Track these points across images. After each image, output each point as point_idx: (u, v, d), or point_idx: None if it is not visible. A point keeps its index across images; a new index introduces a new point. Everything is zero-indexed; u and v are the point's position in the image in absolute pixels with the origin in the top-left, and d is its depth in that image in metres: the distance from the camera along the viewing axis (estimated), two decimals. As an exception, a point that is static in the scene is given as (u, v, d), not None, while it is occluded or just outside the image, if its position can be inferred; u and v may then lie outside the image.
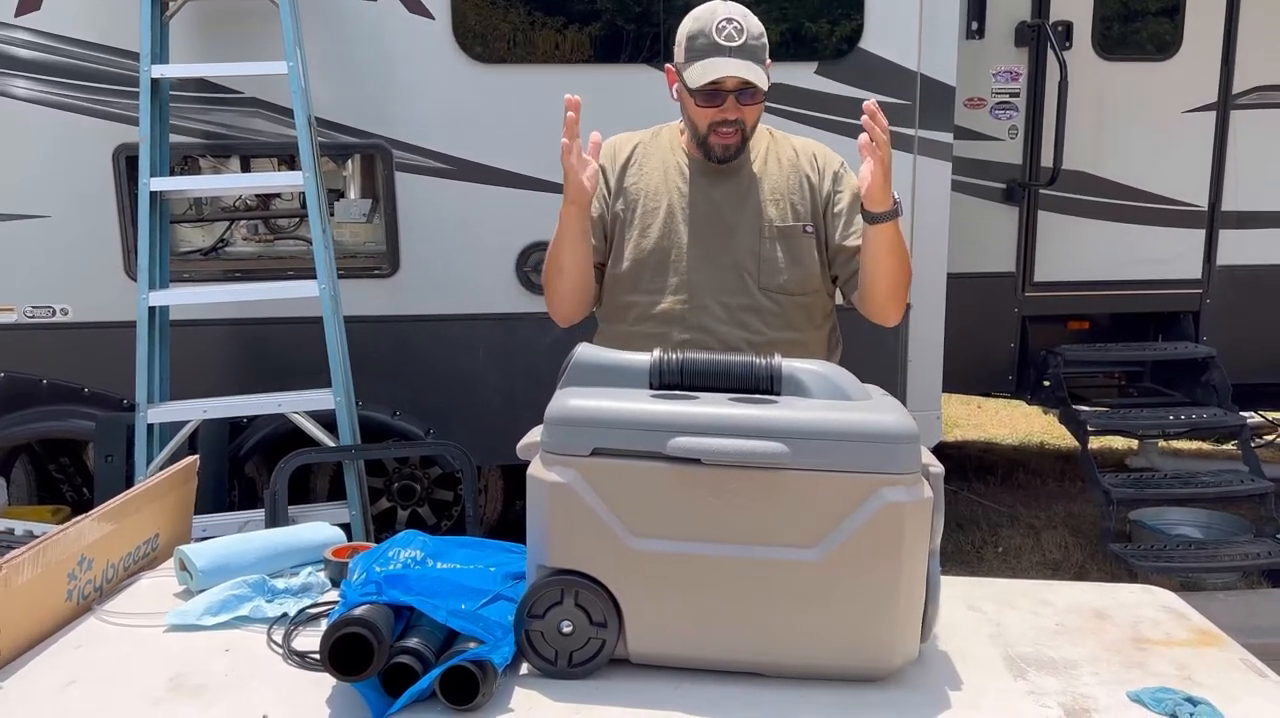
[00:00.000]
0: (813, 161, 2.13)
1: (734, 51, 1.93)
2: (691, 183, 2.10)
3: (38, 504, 3.93)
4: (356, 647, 1.23)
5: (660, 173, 2.11)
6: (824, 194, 2.11)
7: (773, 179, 2.11)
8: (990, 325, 4.58)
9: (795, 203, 2.10)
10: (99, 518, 1.58)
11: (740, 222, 2.08)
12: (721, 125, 2.00)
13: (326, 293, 3.29)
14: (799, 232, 2.09)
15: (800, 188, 2.11)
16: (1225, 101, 4.51)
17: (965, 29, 4.26)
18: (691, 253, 2.06)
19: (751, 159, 2.11)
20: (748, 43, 1.94)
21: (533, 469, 1.35)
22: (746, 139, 2.05)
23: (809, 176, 2.12)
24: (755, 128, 2.06)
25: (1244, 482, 4.26)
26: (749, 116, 2.01)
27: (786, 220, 2.08)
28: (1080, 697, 1.31)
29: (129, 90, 3.40)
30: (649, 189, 2.11)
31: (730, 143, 2.02)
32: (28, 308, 3.60)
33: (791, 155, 2.14)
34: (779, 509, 1.29)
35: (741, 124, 2.01)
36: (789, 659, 1.33)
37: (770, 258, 2.07)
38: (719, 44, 1.93)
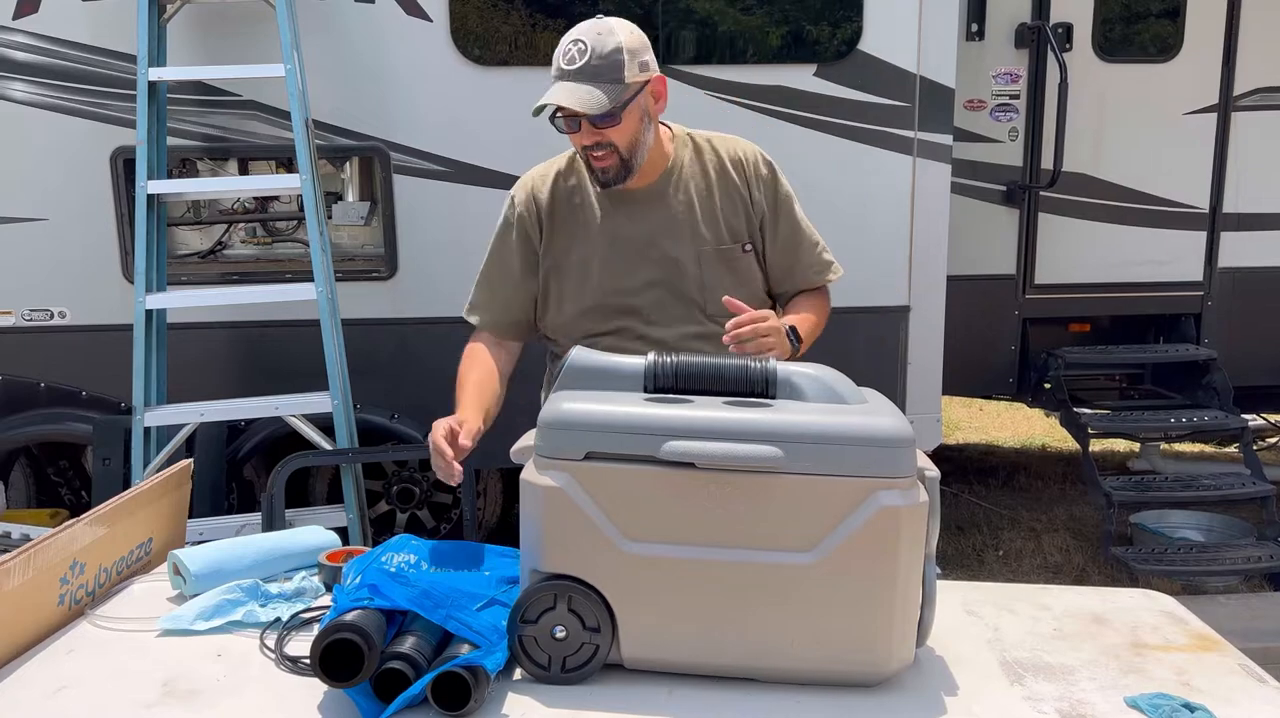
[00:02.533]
0: (740, 169, 2.04)
1: (571, 75, 1.84)
2: (618, 215, 2.00)
3: (36, 507, 3.92)
4: (347, 653, 1.22)
5: (586, 212, 2.01)
6: (758, 208, 2.03)
7: (703, 198, 2.01)
8: (991, 328, 4.57)
9: (730, 221, 2.02)
10: (92, 522, 1.58)
11: (677, 248, 1.99)
12: (590, 150, 1.90)
13: (324, 296, 3.29)
14: (738, 252, 2.02)
15: (733, 203, 2.02)
16: (1226, 103, 4.49)
17: (965, 31, 4.25)
18: (636, 289, 1.98)
19: (676, 177, 2.01)
20: (590, 63, 1.82)
21: (526, 473, 1.35)
22: (627, 160, 1.91)
23: (739, 189, 2.03)
24: (636, 146, 1.91)
25: (1245, 485, 4.24)
26: (615, 138, 1.88)
27: (724, 242, 2.01)
28: (1077, 703, 1.30)
29: (126, 93, 3.40)
30: (579, 233, 2.01)
31: (607, 166, 1.91)
32: (25, 311, 3.60)
33: (718, 164, 2.04)
34: (774, 513, 1.28)
35: (610, 145, 1.89)
36: (783, 664, 1.32)
37: (714, 284, 1.99)
38: (561, 67, 1.85)
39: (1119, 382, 5.06)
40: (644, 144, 1.93)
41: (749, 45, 3.67)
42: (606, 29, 1.86)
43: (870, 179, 3.72)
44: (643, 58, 1.88)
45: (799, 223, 2.09)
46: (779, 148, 3.61)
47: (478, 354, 2.03)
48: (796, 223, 2.08)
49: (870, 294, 3.76)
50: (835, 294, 3.69)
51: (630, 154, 1.91)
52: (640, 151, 1.93)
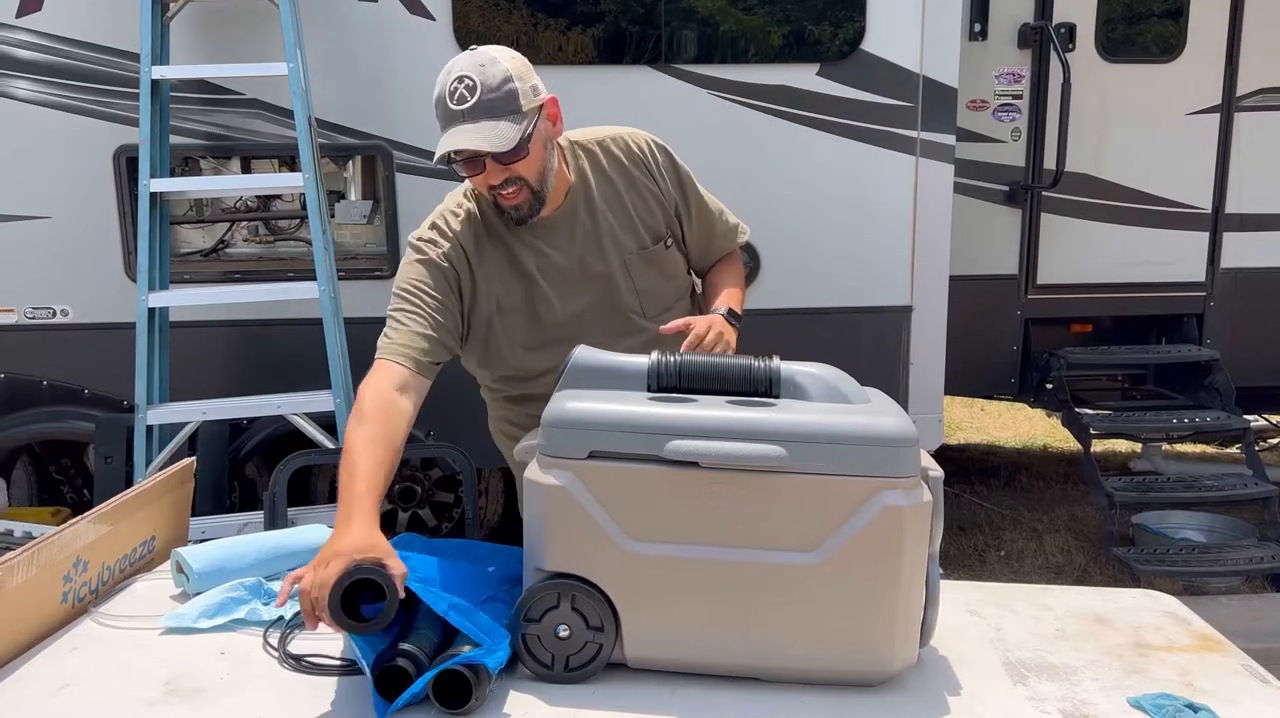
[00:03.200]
0: (641, 164, 1.97)
1: (466, 116, 1.70)
2: (540, 247, 1.90)
3: (38, 506, 3.93)
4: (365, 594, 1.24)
5: (507, 249, 1.90)
6: (668, 199, 1.98)
7: (615, 206, 1.94)
8: (993, 328, 4.56)
9: (646, 221, 1.97)
10: (95, 520, 1.58)
11: (606, 264, 1.93)
12: (499, 189, 1.78)
13: (326, 294, 3.29)
14: (660, 250, 1.98)
15: (645, 201, 1.96)
16: (1229, 103, 4.49)
17: (968, 31, 4.25)
18: (579, 314, 1.92)
19: (581, 194, 1.93)
20: (482, 99, 1.70)
21: (530, 472, 1.35)
22: (538, 191, 1.81)
23: (645, 184, 1.97)
24: (544, 175, 1.81)
25: (1247, 485, 4.24)
26: (523, 171, 1.77)
27: (645, 244, 1.96)
28: (1080, 703, 1.30)
29: (129, 91, 3.40)
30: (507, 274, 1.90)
31: (519, 202, 1.80)
32: (28, 309, 3.60)
33: (618, 166, 1.95)
34: (777, 513, 1.28)
35: (520, 180, 1.78)
36: (787, 664, 1.32)
37: (648, 288, 1.96)
38: (451, 110, 1.72)
39: (1121, 382, 5.05)
40: (550, 170, 1.83)
41: (751, 45, 3.67)
42: (489, 59, 1.74)
43: (873, 179, 3.72)
44: (532, 82, 1.78)
45: (704, 199, 2.06)
46: (781, 147, 3.68)
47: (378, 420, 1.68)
48: (703, 200, 2.05)
49: (872, 294, 3.77)
50: (836, 293, 3.75)
51: (540, 184, 1.81)
52: (549, 179, 1.83)
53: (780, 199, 3.69)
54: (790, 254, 3.69)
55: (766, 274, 3.68)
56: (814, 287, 3.72)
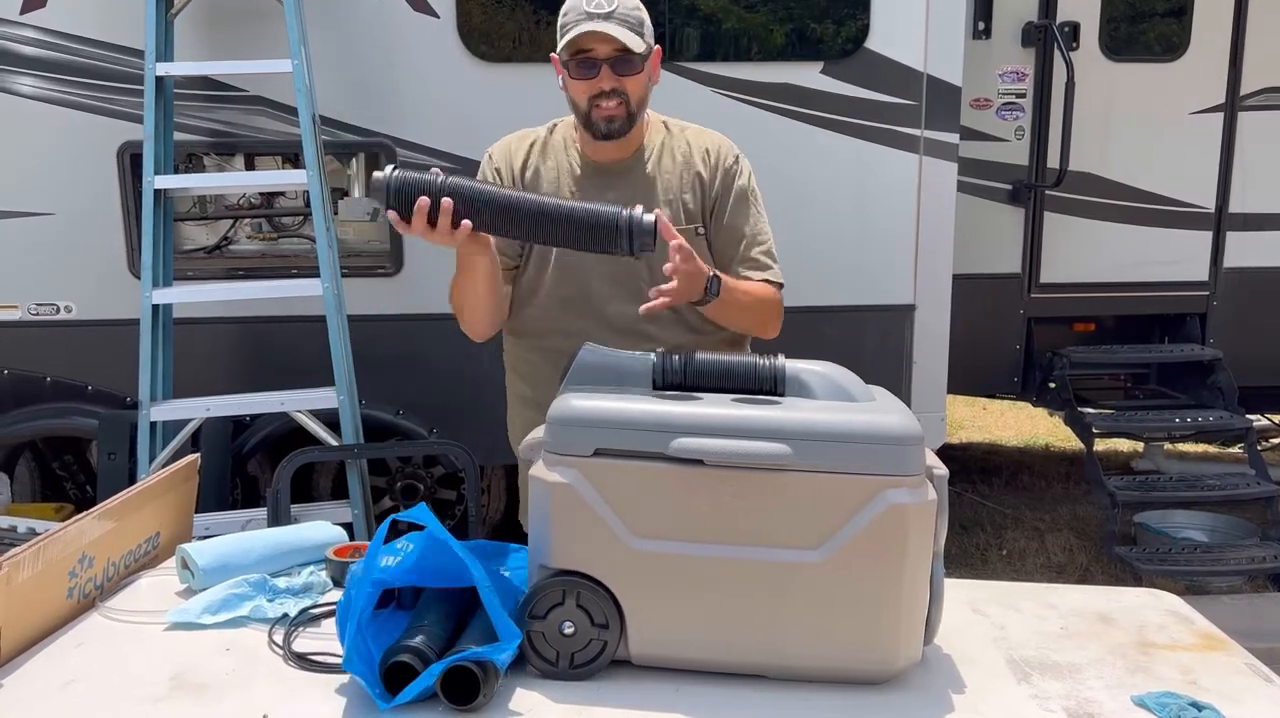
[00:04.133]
0: (705, 157, 2.04)
1: (603, 19, 1.85)
2: (587, 184, 2.01)
3: (41, 502, 3.93)
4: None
5: (554, 176, 2.03)
6: (713, 195, 2.03)
7: (666, 178, 2.02)
8: (996, 327, 4.56)
9: (687, 203, 2.03)
10: (100, 516, 1.58)
11: None
12: (600, 99, 1.90)
13: (330, 292, 3.29)
14: (691, 235, 2.00)
15: (692, 187, 2.03)
16: (1233, 103, 4.49)
17: (972, 29, 4.25)
18: (586, 262, 1.96)
19: (647, 155, 2.03)
20: (618, 12, 1.86)
21: (535, 469, 1.35)
22: (633, 114, 1.93)
23: (701, 174, 2.03)
24: (642, 104, 1.96)
25: (1250, 485, 4.24)
26: (630, 87, 1.91)
27: (679, 223, 1.98)
28: (1084, 701, 1.30)
29: (134, 88, 3.40)
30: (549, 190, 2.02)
31: (614, 115, 1.91)
32: (31, 305, 3.61)
33: (685, 150, 2.05)
34: (782, 511, 1.28)
35: (623, 95, 1.90)
36: (791, 662, 1.32)
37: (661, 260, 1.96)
38: (588, 13, 1.86)
39: (1124, 381, 5.05)
40: (645, 104, 1.97)
41: (755, 42, 3.67)
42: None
43: (876, 177, 3.72)
44: (650, 27, 1.94)
45: (749, 218, 2.06)
46: (785, 145, 3.68)
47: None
48: (747, 217, 2.06)
49: (875, 292, 3.77)
50: (839, 291, 3.75)
51: (637, 108, 1.94)
52: (643, 110, 1.97)
53: (783, 197, 3.65)
54: (793, 252, 3.65)
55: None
56: (817, 285, 3.72)
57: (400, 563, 1.34)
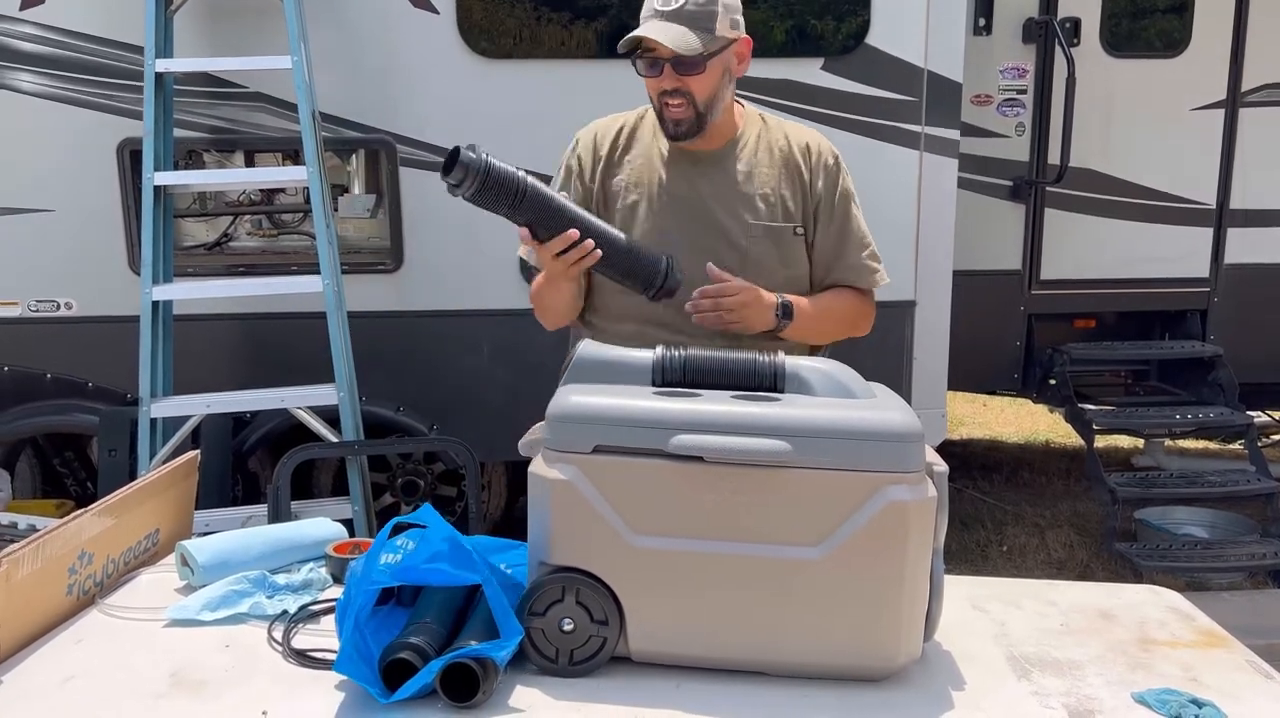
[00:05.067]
0: (805, 155, 2.00)
1: (668, 15, 1.81)
2: (675, 172, 1.98)
3: (42, 499, 3.94)
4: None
5: (644, 161, 2.00)
6: (816, 196, 2.00)
7: (763, 172, 1.98)
8: (996, 323, 4.56)
9: (787, 200, 1.99)
10: (99, 512, 1.58)
11: (727, 217, 1.97)
12: (667, 97, 1.87)
13: (330, 288, 3.29)
14: (789, 234, 1.98)
15: (792, 184, 1.99)
16: (1234, 99, 4.48)
17: (973, 25, 4.24)
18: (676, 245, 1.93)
19: (740, 148, 1.99)
20: (686, 7, 1.81)
21: (534, 466, 1.35)
22: (702, 114, 1.89)
23: (801, 172, 2.00)
24: (713, 102, 1.90)
25: (1250, 481, 4.24)
26: (695, 87, 1.86)
27: (776, 219, 1.97)
28: (1085, 698, 1.30)
29: (133, 84, 3.40)
30: (632, 181, 2.00)
31: (680, 117, 1.88)
32: (32, 302, 3.61)
33: (784, 145, 2.01)
34: (782, 507, 1.28)
35: (688, 94, 1.86)
36: (791, 658, 1.32)
37: (758, 259, 1.95)
38: (655, 8, 1.83)
39: (1124, 378, 5.05)
40: (720, 101, 1.91)
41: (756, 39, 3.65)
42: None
43: (877, 173, 3.70)
44: (735, 15, 1.88)
45: (851, 221, 2.04)
46: (785, 142, 3.66)
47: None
48: (849, 220, 2.04)
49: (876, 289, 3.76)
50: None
51: (706, 108, 1.89)
52: (716, 108, 1.91)
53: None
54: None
55: (770, 269, 3.67)
56: (817, 282, 3.72)
57: (401, 561, 1.33)
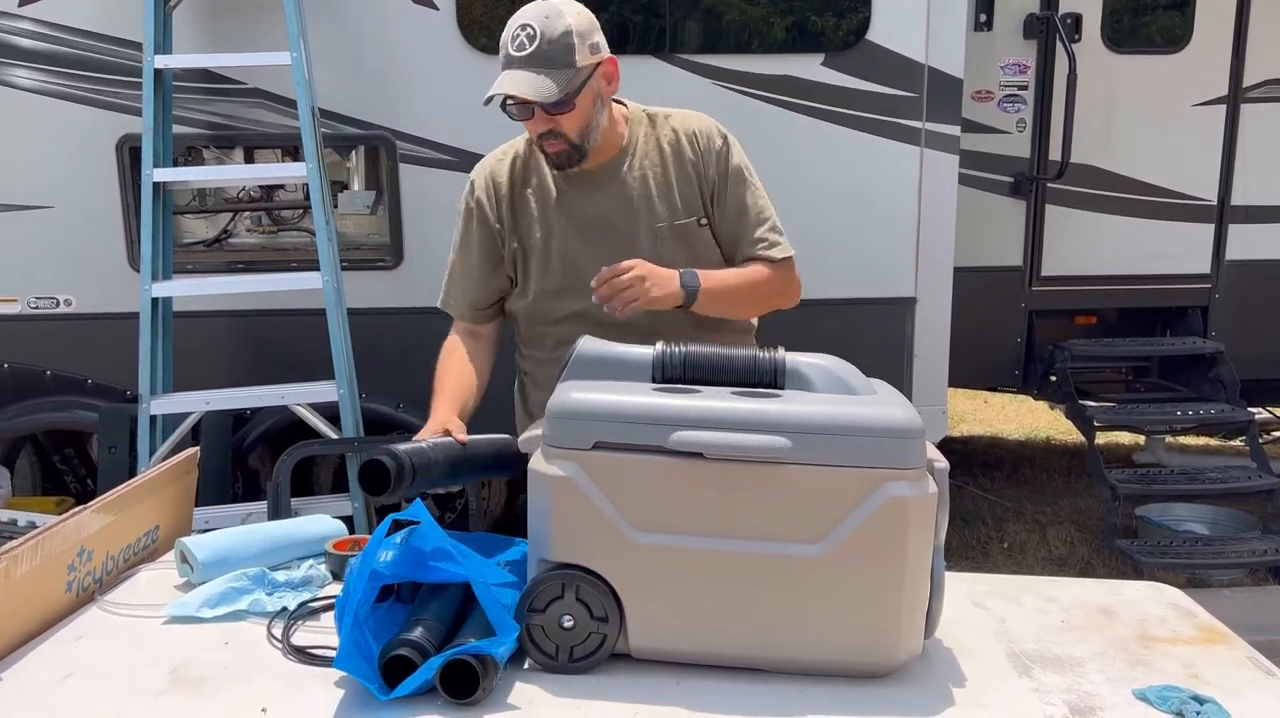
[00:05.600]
0: (693, 143, 1.99)
1: (521, 62, 1.79)
2: (574, 194, 1.98)
3: (42, 495, 3.93)
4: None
5: (543, 192, 2.00)
6: (710, 181, 1.98)
7: (656, 172, 1.97)
8: (997, 319, 4.56)
9: (685, 194, 1.98)
10: (99, 509, 1.58)
11: (631, 226, 1.96)
12: (543, 139, 1.88)
13: (330, 285, 3.28)
14: (694, 227, 1.98)
15: (686, 176, 1.98)
16: (1235, 95, 4.47)
17: (973, 21, 4.23)
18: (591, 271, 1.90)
19: (631, 154, 1.98)
20: (540, 49, 1.78)
21: (534, 463, 1.34)
22: (581, 146, 1.89)
23: (693, 163, 1.98)
24: (588, 131, 1.88)
25: (1251, 478, 4.24)
26: (566, 126, 1.85)
27: (679, 217, 1.97)
28: (1085, 695, 1.30)
29: (132, 81, 3.40)
30: (537, 214, 1.99)
31: (558, 151, 1.89)
32: (31, 299, 3.60)
33: (672, 139, 1.99)
34: (782, 504, 1.28)
35: (561, 134, 1.86)
36: (792, 655, 1.32)
37: (670, 260, 1.92)
38: (510, 55, 1.81)
39: (1125, 374, 5.05)
40: (596, 127, 1.90)
41: (756, 34, 3.66)
42: (554, 11, 1.81)
43: (877, 170, 3.71)
44: (592, 39, 1.84)
45: (747, 196, 2.01)
46: (786, 138, 3.67)
47: (454, 351, 2.03)
48: (744, 196, 2.01)
49: (876, 285, 3.76)
50: (840, 284, 3.74)
51: (582, 139, 1.88)
52: (592, 135, 1.90)
53: (784, 190, 3.61)
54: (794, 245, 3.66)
55: (770, 265, 3.67)
56: (818, 278, 3.68)
57: (397, 558, 1.33)
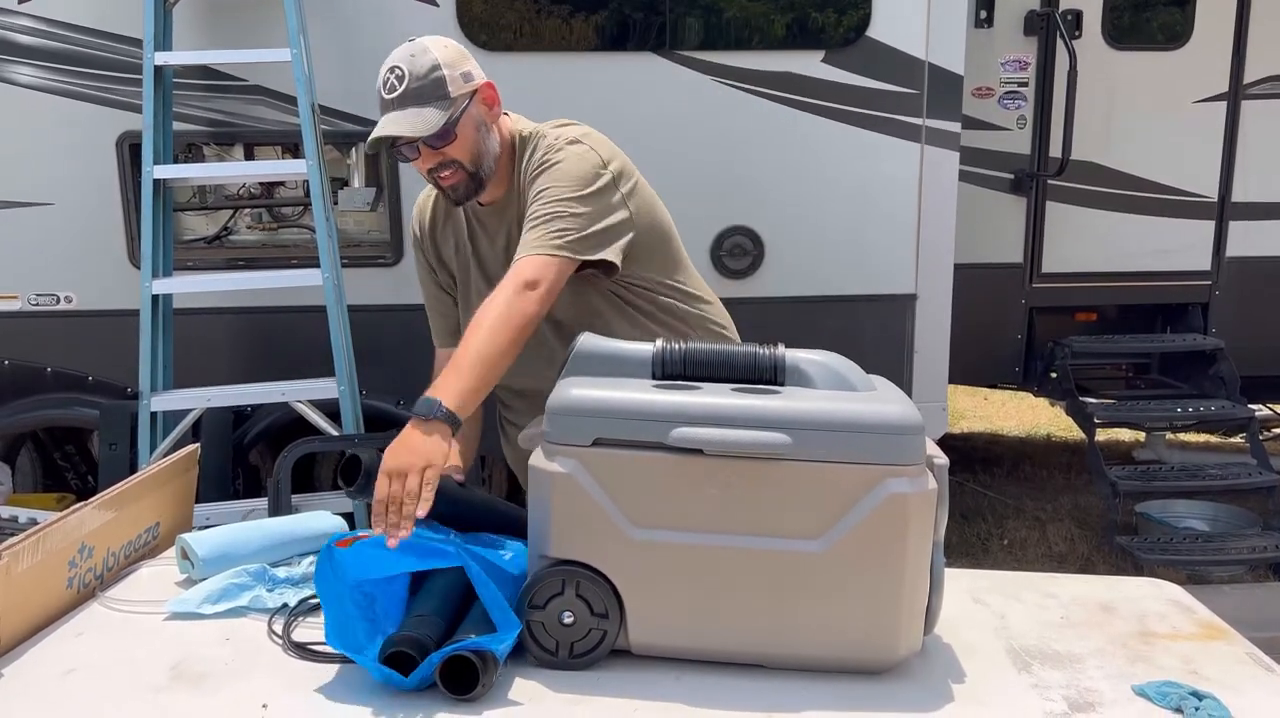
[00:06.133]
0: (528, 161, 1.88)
1: (394, 104, 1.77)
2: (480, 233, 1.95)
3: (43, 492, 3.94)
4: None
5: (457, 232, 1.98)
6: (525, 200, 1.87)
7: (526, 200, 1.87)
8: (997, 316, 4.55)
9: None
10: (99, 506, 1.58)
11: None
12: (435, 173, 1.83)
13: (330, 281, 3.28)
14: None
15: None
16: (1236, 91, 4.47)
17: (974, 17, 4.23)
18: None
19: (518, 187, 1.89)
20: (410, 87, 1.76)
21: (535, 459, 1.35)
22: (474, 173, 1.82)
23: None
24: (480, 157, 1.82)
25: (1251, 474, 4.24)
26: (457, 153, 1.80)
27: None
28: (1085, 691, 1.30)
29: (132, 77, 3.39)
30: (453, 253, 1.99)
31: (454, 183, 1.83)
32: (32, 296, 3.60)
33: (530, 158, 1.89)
34: (782, 500, 1.28)
35: (452, 163, 1.81)
36: (792, 651, 1.32)
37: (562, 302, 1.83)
38: (384, 99, 1.79)
39: (1125, 371, 5.05)
40: (488, 153, 1.84)
41: (756, 31, 3.65)
42: (420, 49, 1.80)
43: (878, 166, 3.70)
44: (463, 68, 1.81)
45: (540, 206, 1.80)
46: (786, 134, 3.66)
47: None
48: (535, 207, 1.81)
49: (877, 282, 3.76)
50: (840, 280, 3.74)
51: (476, 166, 1.83)
52: (486, 161, 1.84)
53: (784, 187, 3.68)
54: (794, 242, 3.69)
55: (770, 262, 3.67)
56: (818, 274, 3.72)
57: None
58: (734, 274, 3.64)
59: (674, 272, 2.00)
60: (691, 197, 3.59)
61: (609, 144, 1.92)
